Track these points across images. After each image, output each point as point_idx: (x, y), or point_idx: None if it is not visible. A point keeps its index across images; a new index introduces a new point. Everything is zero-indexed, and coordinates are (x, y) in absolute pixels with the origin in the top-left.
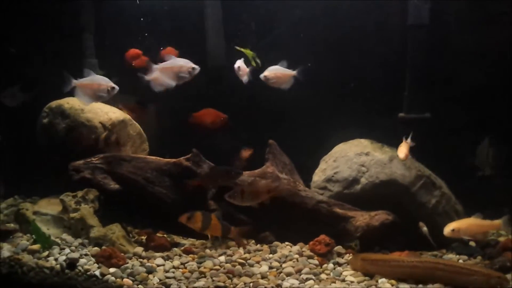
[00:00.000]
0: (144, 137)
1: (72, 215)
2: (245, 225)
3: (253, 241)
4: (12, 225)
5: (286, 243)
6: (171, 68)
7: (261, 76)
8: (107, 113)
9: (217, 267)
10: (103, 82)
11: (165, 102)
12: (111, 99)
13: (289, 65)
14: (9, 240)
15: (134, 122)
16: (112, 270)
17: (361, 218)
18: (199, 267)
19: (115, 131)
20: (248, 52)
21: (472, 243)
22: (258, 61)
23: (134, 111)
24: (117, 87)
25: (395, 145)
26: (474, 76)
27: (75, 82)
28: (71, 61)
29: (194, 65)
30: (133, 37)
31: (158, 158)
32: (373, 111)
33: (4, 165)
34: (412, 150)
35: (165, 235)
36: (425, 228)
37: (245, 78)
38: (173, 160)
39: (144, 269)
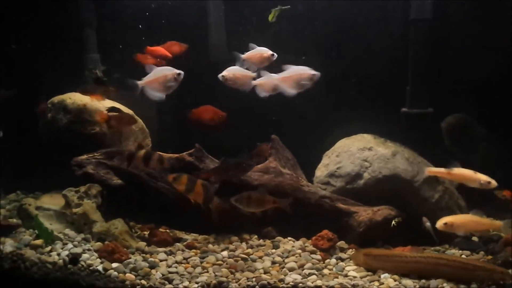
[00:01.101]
0: (146, 132)
1: (74, 210)
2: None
3: (256, 236)
4: (14, 220)
5: (289, 238)
6: (290, 77)
7: (219, 75)
8: None
9: (220, 262)
10: (167, 71)
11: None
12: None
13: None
14: (12, 235)
15: (137, 117)
16: (114, 265)
17: (364, 213)
18: (201, 262)
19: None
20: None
21: (474, 238)
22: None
23: (93, 95)
24: (182, 72)
25: (398, 140)
26: (477, 71)
27: (140, 83)
28: (73, 56)
29: (314, 72)
30: (135, 32)
31: (161, 153)
32: (375, 106)
33: (6, 160)
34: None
35: (167, 230)
36: (428, 223)
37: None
38: (176, 155)
39: (147, 264)
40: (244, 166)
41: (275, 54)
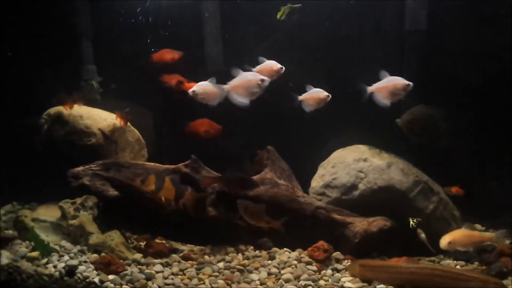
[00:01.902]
0: (142, 143)
1: (71, 222)
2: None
3: (252, 247)
4: (11, 232)
5: (285, 249)
6: (385, 87)
7: (189, 90)
8: (106, 120)
9: (216, 273)
10: (252, 77)
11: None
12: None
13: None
14: (8, 247)
15: (133, 128)
16: (111, 277)
17: (359, 224)
18: (198, 274)
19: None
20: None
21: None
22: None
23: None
24: (267, 79)
25: (393, 151)
26: (471, 80)
27: (226, 87)
28: (70, 67)
29: (408, 82)
30: (131, 43)
31: (157, 164)
32: (370, 117)
33: (2, 171)
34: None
35: (163, 241)
36: (423, 235)
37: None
38: (172, 166)
39: (143, 276)
40: (249, 183)
41: (283, 67)
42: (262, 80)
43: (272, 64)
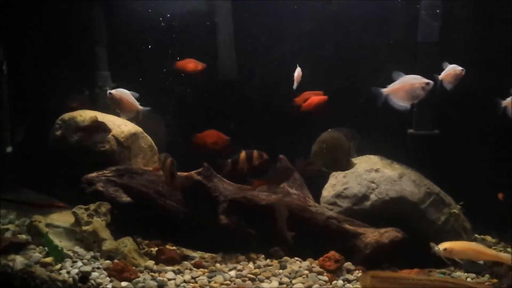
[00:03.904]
0: (155, 149)
1: (84, 228)
2: None
3: (263, 255)
4: (24, 236)
5: (296, 258)
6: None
7: (108, 91)
8: (119, 126)
9: (228, 282)
10: (415, 80)
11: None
12: None
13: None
14: (22, 252)
15: (146, 134)
16: (124, 284)
17: (371, 235)
18: (209, 282)
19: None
20: None
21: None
22: None
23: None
24: (431, 82)
25: (405, 161)
26: (482, 92)
27: (385, 90)
28: (84, 73)
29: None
30: (145, 50)
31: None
32: (382, 127)
33: (16, 176)
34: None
35: (174, 248)
36: (436, 248)
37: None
38: (185, 173)
39: (156, 283)
40: (291, 170)
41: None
42: (427, 84)
43: (454, 68)
